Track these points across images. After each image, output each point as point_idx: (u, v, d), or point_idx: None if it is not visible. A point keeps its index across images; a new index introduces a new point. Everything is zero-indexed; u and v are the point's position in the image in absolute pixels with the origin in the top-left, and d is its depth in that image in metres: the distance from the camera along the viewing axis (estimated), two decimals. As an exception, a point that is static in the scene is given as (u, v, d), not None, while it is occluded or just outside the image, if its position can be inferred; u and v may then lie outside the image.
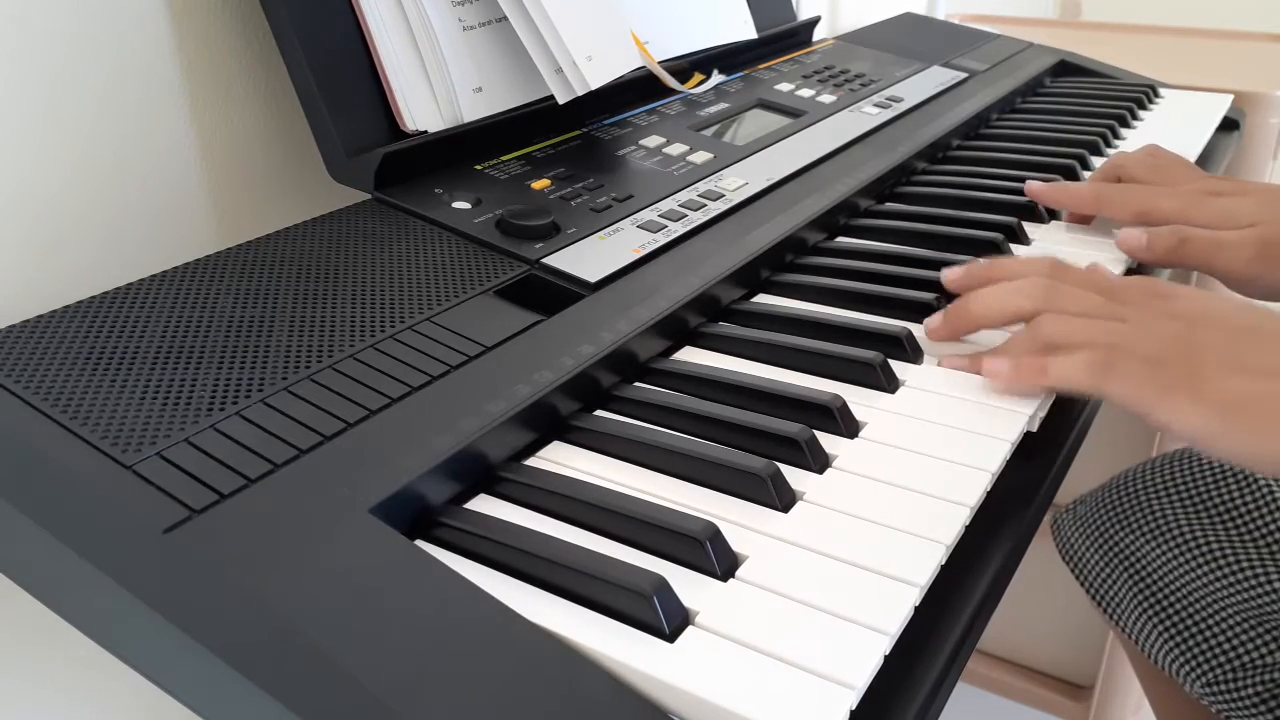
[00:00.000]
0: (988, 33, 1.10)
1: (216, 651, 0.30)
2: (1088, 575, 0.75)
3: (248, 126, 0.60)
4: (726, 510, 0.39)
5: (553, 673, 0.31)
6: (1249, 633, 0.65)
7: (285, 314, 0.45)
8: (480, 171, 0.60)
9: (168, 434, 0.38)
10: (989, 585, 0.39)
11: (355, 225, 0.53)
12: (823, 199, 0.64)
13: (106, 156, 0.54)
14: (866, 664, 0.31)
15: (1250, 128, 1.03)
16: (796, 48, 0.94)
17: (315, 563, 0.33)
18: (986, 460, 0.42)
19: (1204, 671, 0.66)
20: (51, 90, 0.51)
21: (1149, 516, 0.72)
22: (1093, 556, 0.74)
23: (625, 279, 0.52)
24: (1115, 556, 0.73)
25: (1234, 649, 0.65)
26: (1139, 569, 0.71)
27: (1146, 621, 0.70)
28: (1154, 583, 0.70)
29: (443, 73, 0.60)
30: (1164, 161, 0.67)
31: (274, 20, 0.56)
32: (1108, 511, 0.74)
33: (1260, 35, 1.43)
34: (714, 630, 0.33)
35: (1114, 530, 0.73)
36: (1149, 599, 0.70)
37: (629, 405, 0.46)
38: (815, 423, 0.43)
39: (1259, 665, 0.64)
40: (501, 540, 0.36)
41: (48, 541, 0.34)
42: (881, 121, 0.78)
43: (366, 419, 0.40)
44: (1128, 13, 2.05)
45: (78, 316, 0.43)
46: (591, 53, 0.62)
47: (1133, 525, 0.72)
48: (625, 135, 0.68)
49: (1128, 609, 0.72)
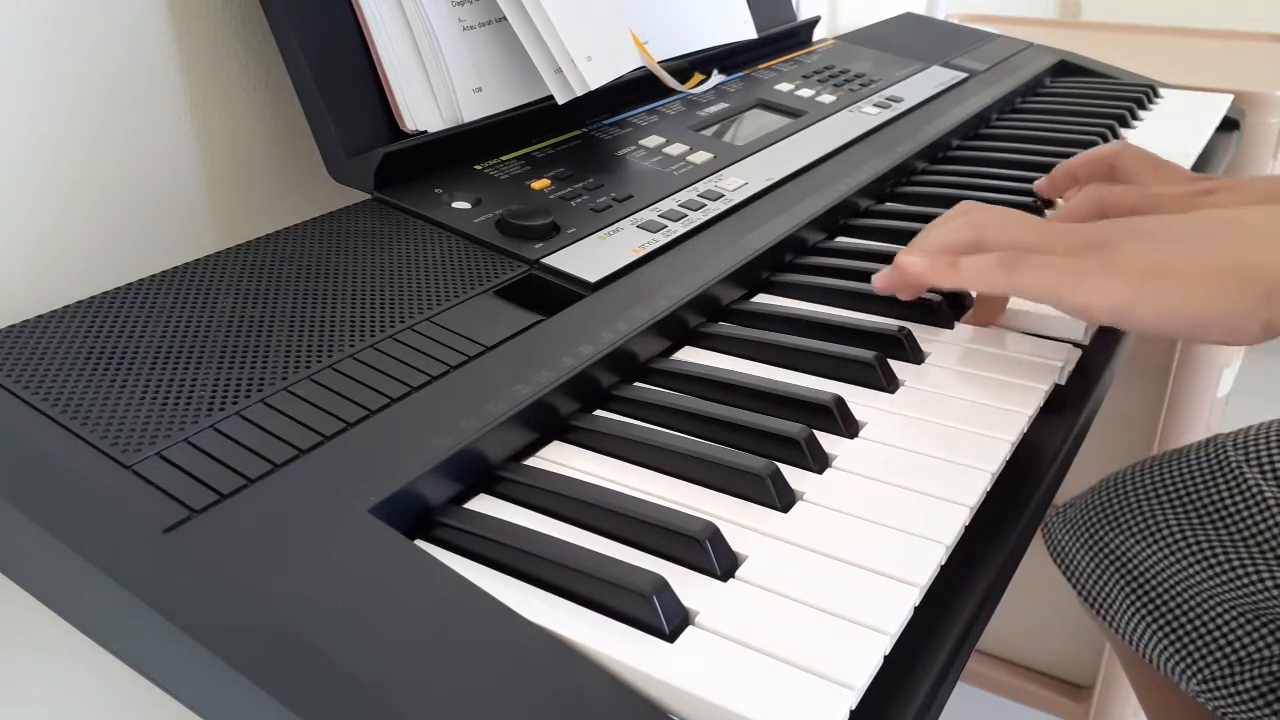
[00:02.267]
0: (988, 33, 1.10)
1: (216, 651, 0.30)
2: (1079, 577, 0.75)
3: (248, 126, 0.60)
4: (726, 510, 0.39)
5: (553, 673, 0.31)
6: (1244, 627, 0.65)
7: (285, 314, 0.45)
8: (480, 171, 0.60)
9: (168, 434, 0.38)
10: (989, 585, 0.39)
11: (355, 225, 0.53)
12: (822, 199, 0.64)
13: (106, 156, 0.54)
14: (866, 664, 0.31)
15: (1250, 128, 1.03)
16: (796, 48, 0.94)
17: (315, 563, 0.33)
18: (986, 460, 0.42)
19: (1200, 668, 0.66)
20: (51, 91, 0.51)
21: (1139, 517, 0.72)
22: (1084, 558, 0.74)
23: (625, 279, 0.52)
24: (1106, 558, 0.73)
25: (1230, 644, 0.65)
26: (1131, 569, 0.71)
27: (1140, 621, 0.70)
28: (1146, 582, 0.70)
29: (442, 73, 0.60)
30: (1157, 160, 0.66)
31: (274, 20, 0.56)
32: (1097, 513, 0.75)
33: (1260, 35, 1.43)
34: (714, 630, 0.33)
35: (1104, 532, 0.73)
36: (1142, 598, 0.70)
37: (629, 405, 0.46)
38: (815, 423, 0.43)
39: (1256, 659, 0.64)
40: (501, 540, 0.36)
41: (48, 541, 0.34)
42: (881, 121, 0.78)
43: (366, 419, 0.40)
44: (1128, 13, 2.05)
45: (78, 316, 0.43)
46: (591, 53, 0.63)
47: (1123, 526, 0.72)
48: (625, 135, 0.68)
49: (1120, 610, 0.72)
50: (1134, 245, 0.45)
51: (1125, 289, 0.44)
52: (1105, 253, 0.45)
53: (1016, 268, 0.45)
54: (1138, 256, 0.44)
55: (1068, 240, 0.46)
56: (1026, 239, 0.47)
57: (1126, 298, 0.44)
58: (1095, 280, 0.44)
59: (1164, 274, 0.44)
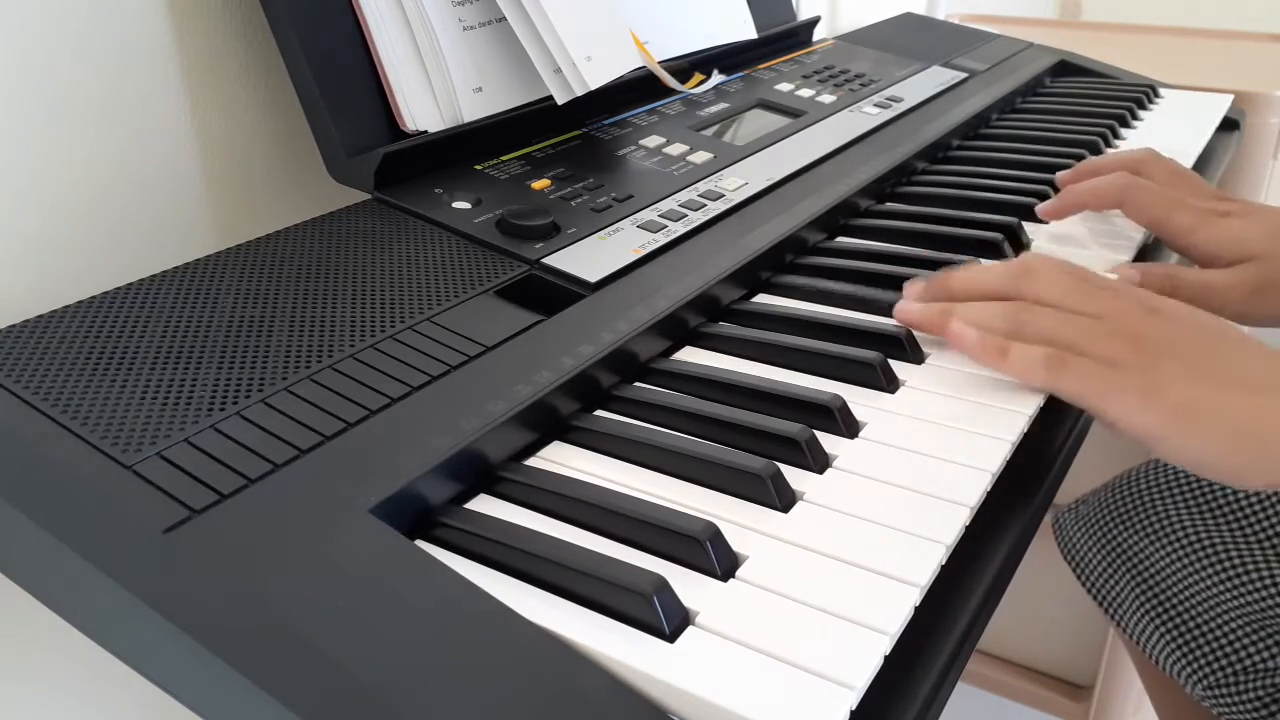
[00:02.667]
0: (988, 33, 1.10)
1: (216, 651, 0.30)
2: (1090, 576, 0.75)
3: (248, 126, 0.60)
4: (726, 510, 0.39)
5: (553, 673, 0.31)
6: (1251, 636, 0.65)
7: (285, 314, 0.45)
8: (480, 171, 0.60)
9: (168, 434, 0.38)
10: (989, 585, 0.39)
11: (355, 225, 0.53)
12: (822, 199, 0.64)
13: (106, 156, 0.54)
14: (866, 664, 0.31)
15: (1250, 128, 1.03)
16: (796, 48, 0.94)
17: (315, 563, 0.33)
18: (986, 460, 0.42)
19: (1206, 674, 0.66)
20: (52, 91, 0.51)
21: (1152, 517, 0.71)
22: (1095, 557, 0.74)
23: (625, 279, 0.52)
24: (1118, 557, 0.73)
25: (1236, 652, 0.65)
26: (1142, 570, 0.71)
27: (1149, 623, 0.70)
28: (1157, 584, 0.70)
29: (443, 73, 0.60)
30: (1181, 170, 0.67)
31: (274, 20, 0.56)
32: (1110, 511, 0.74)
33: (1260, 35, 1.43)
34: (714, 630, 0.33)
35: (1117, 530, 0.73)
36: (1151, 600, 0.70)
37: (629, 405, 0.46)
38: (815, 423, 0.43)
39: (1261, 669, 0.64)
40: (501, 540, 0.36)
41: (48, 541, 0.34)
42: (881, 121, 0.78)
43: (366, 419, 0.40)
44: (1128, 13, 2.05)
45: (78, 316, 0.43)
46: (591, 53, 0.62)
47: (1136, 525, 0.72)
48: (625, 135, 0.68)
49: (1130, 610, 0.72)
50: (1174, 371, 0.45)
51: (1156, 423, 0.44)
52: (1146, 371, 0.45)
53: (1060, 371, 0.46)
54: (1175, 389, 0.44)
55: (1110, 340, 0.46)
56: (1066, 332, 0.47)
57: (1155, 432, 0.44)
58: (1131, 402, 0.44)
59: (1197, 416, 0.44)
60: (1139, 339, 0.46)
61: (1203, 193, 0.65)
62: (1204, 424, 0.44)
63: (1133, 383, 0.45)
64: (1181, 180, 0.66)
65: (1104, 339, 0.46)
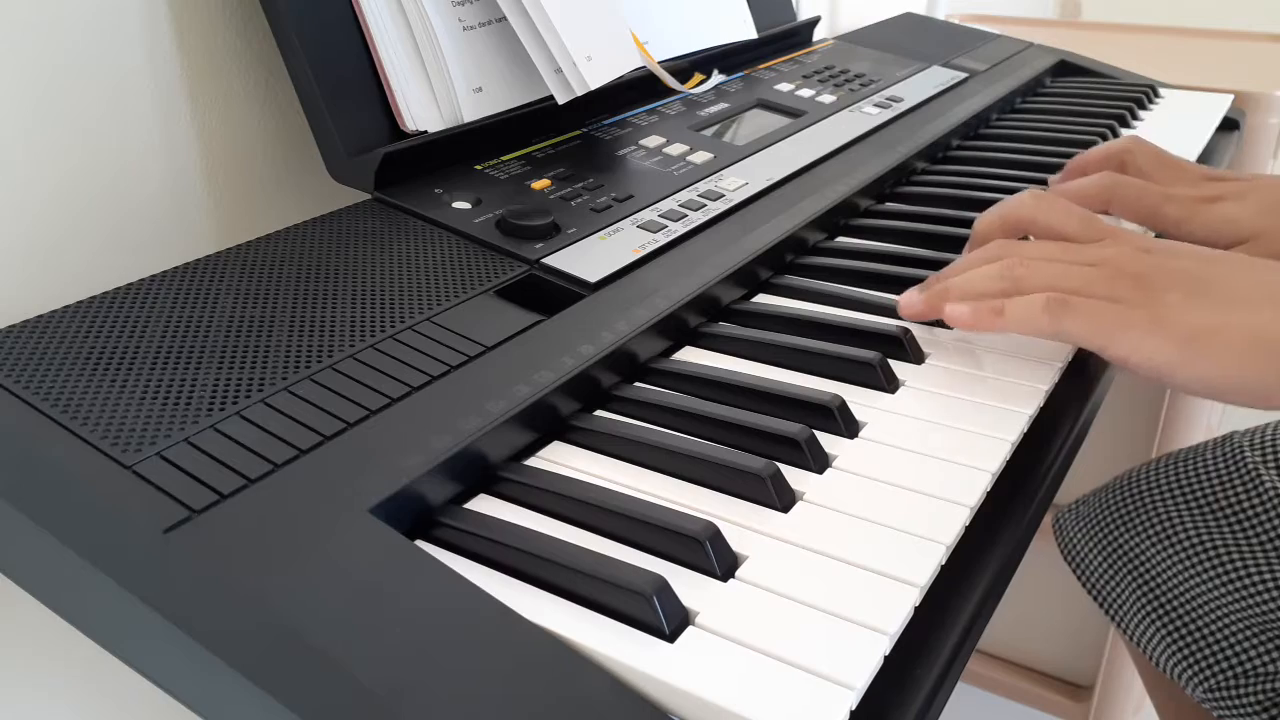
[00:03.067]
0: (988, 33, 1.10)
1: (216, 651, 0.30)
2: (1090, 576, 0.75)
3: (248, 126, 0.60)
4: (726, 510, 0.39)
5: (553, 673, 0.31)
6: (1252, 639, 0.64)
7: (285, 314, 0.45)
8: (480, 171, 0.60)
9: (168, 434, 0.38)
10: (989, 585, 0.39)
11: (355, 225, 0.53)
12: (822, 199, 0.64)
13: (106, 156, 0.54)
14: (866, 664, 0.31)
15: (1250, 128, 1.03)
16: (796, 48, 0.94)
17: (315, 563, 0.33)
18: (986, 460, 0.42)
19: (1206, 677, 0.66)
20: (52, 90, 0.51)
21: (1153, 518, 0.71)
22: (1096, 557, 0.74)
23: (625, 279, 0.52)
24: (1119, 558, 0.72)
25: (1236, 655, 0.65)
26: (1142, 571, 0.71)
27: (1149, 625, 0.70)
28: (1157, 586, 0.70)
29: (443, 73, 0.60)
30: (1166, 156, 0.66)
31: (274, 20, 0.56)
32: (1111, 512, 0.74)
33: (1260, 35, 1.43)
34: (714, 630, 0.33)
35: (1118, 531, 0.73)
36: (1152, 602, 0.70)
37: (629, 405, 0.46)
38: (815, 423, 0.43)
39: (1261, 672, 0.64)
40: (501, 540, 0.36)
41: (48, 541, 0.34)
42: (881, 121, 0.78)
43: (366, 419, 0.40)
44: (1128, 13, 2.05)
45: (78, 316, 0.43)
46: (591, 53, 0.62)
47: (1137, 526, 0.72)
48: (625, 135, 0.68)
49: (1130, 611, 0.71)
50: (1179, 300, 0.45)
51: (1168, 350, 0.44)
52: (1151, 304, 0.45)
53: (1062, 313, 0.45)
54: (1183, 315, 0.44)
55: (1111, 282, 0.46)
56: (1067, 281, 0.46)
57: (1168, 360, 0.44)
58: (1139, 335, 0.44)
59: (1208, 338, 0.44)
60: (1138, 277, 0.46)
61: (1190, 176, 0.65)
62: (1215, 346, 0.43)
63: (1138, 316, 0.44)
64: (1168, 166, 0.65)
65: (1104, 281, 0.46)
